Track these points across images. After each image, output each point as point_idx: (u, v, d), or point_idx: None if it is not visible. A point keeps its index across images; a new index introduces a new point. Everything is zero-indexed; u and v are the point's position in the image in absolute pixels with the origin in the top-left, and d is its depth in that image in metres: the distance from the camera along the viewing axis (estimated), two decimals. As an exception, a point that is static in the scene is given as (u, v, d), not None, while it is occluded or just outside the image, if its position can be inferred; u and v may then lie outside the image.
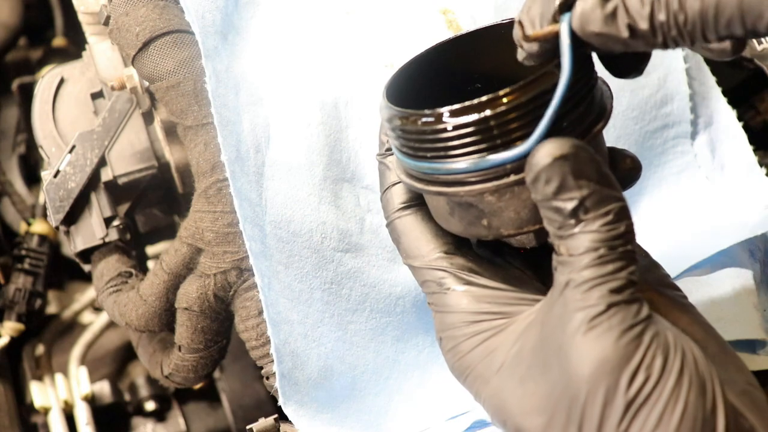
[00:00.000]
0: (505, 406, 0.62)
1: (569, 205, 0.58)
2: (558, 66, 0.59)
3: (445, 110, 0.60)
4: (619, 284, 0.57)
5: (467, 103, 0.60)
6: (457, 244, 0.69)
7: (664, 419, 0.56)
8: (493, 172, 0.61)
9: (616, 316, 0.57)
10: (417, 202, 0.71)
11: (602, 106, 0.64)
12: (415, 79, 0.70)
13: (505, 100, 0.59)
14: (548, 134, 0.58)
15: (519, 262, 0.70)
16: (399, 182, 0.71)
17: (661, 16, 0.55)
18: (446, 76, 0.72)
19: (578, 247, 0.58)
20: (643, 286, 0.63)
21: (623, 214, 0.59)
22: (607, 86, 0.66)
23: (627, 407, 0.56)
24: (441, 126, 0.61)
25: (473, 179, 0.61)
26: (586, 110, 0.62)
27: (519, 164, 0.60)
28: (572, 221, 0.58)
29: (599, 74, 0.65)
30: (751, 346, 0.83)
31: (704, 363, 0.58)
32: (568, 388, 0.58)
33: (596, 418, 0.57)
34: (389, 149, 0.72)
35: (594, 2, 0.56)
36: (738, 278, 0.88)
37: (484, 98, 0.59)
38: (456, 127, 0.60)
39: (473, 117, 0.59)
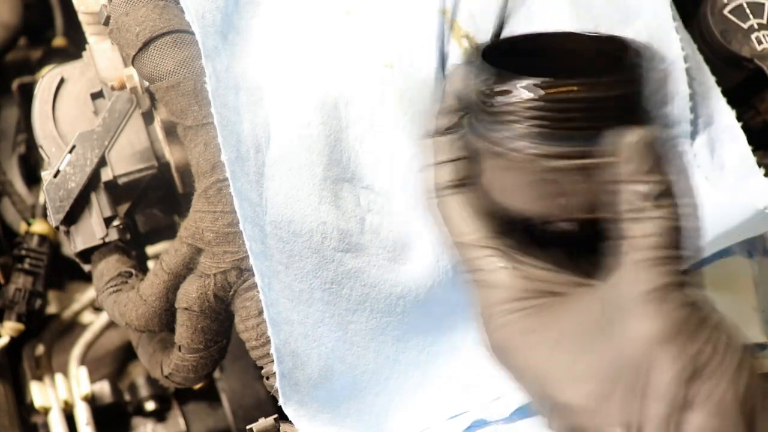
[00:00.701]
0: (551, 376, 0.63)
1: (656, 187, 0.61)
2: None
3: (550, 80, 0.62)
4: (674, 267, 0.59)
5: (578, 79, 0.62)
6: (507, 227, 0.70)
7: (729, 391, 0.57)
8: (586, 151, 0.63)
9: (673, 294, 0.58)
10: (468, 182, 0.71)
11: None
12: (512, 56, 0.71)
13: (609, 85, 0.62)
14: None
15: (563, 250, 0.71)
16: (452, 160, 0.72)
17: None
18: (539, 64, 0.72)
19: (647, 231, 0.60)
20: None
21: (691, 211, 0.62)
22: None
23: (693, 375, 0.57)
24: (562, 93, 0.62)
25: (566, 154, 0.63)
26: (665, 118, 0.66)
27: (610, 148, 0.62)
28: (646, 204, 0.60)
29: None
30: (751, 349, 0.83)
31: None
32: (631, 354, 0.59)
33: (661, 384, 0.57)
34: (451, 128, 0.73)
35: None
36: (736, 279, 0.88)
37: (596, 79, 0.62)
38: (558, 100, 0.62)
39: (580, 92, 0.62)
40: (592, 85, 0.62)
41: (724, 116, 0.95)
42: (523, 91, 0.63)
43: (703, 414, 0.57)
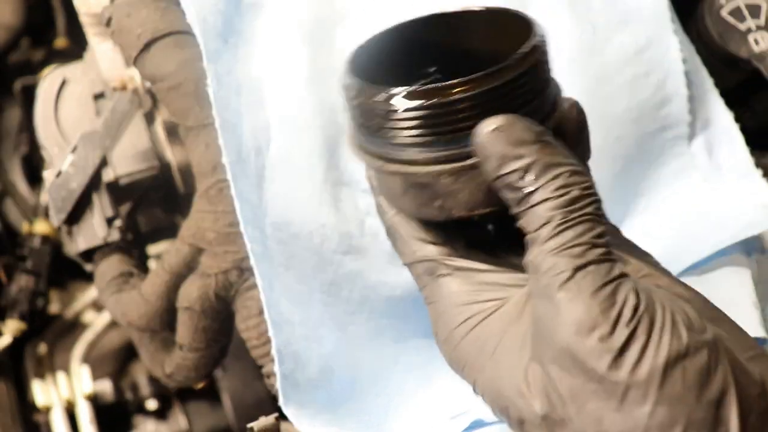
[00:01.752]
0: (502, 391, 0.61)
1: (515, 177, 0.58)
2: (522, 57, 0.61)
3: (410, 89, 0.61)
4: (583, 248, 0.56)
5: (432, 85, 0.60)
6: (446, 234, 0.68)
7: (666, 371, 0.54)
8: (452, 154, 0.61)
9: (585, 279, 0.56)
10: None
11: (554, 102, 0.65)
12: (386, 53, 0.71)
13: (467, 86, 0.60)
14: None
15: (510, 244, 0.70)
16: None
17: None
18: (419, 53, 0.72)
19: (537, 220, 0.58)
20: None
21: (576, 177, 0.59)
22: (557, 82, 0.68)
23: (614, 361, 0.54)
24: (407, 104, 0.61)
25: (432, 160, 0.62)
26: (539, 105, 0.63)
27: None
28: (525, 193, 0.58)
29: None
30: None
31: (699, 320, 0.57)
32: (554, 360, 0.57)
33: (580, 386, 0.55)
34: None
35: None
36: (736, 277, 0.88)
37: (449, 82, 0.60)
38: (418, 108, 0.61)
39: (438, 100, 0.60)
40: (470, 83, 0.60)
41: (721, 118, 0.95)
42: (392, 103, 0.61)
43: (649, 404, 0.54)
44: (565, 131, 0.67)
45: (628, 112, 0.91)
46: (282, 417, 0.81)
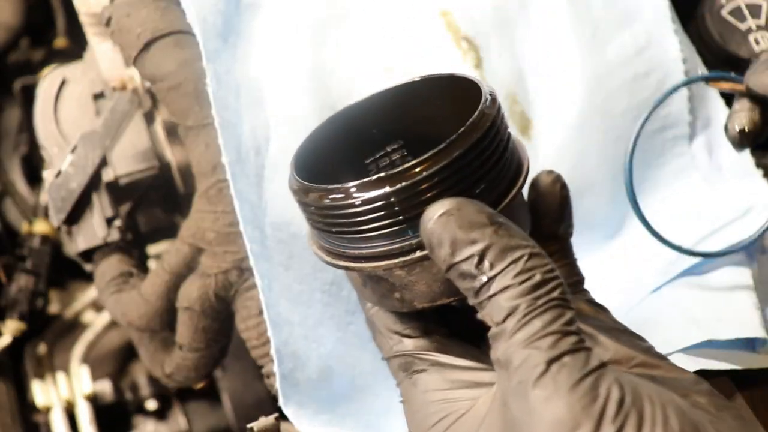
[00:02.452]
0: None
1: (471, 265, 0.54)
2: (472, 127, 0.57)
3: (347, 186, 0.58)
4: (554, 338, 0.52)
5: (366, 180, 0.57)
6: (424, 327, 0.65)
7: None
8: (399, 247, 0.58)
9: (561, 372, 0.51)
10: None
11: (518, 167, 0.61)
12: (330, 143, 0.68)
13: (404, 175, 0.56)
14: None
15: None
16: None
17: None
18: (362, 138, 0.70)
19: (500, 311, 0.53)
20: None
21: (537, 261, 0.54)
22: (521, 145, 0.64)
23: None
24: (343, 202, 0.58)
25: (380, 254, 0.59)
26: (499, 175, 0.59)
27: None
28: (482, 282, 0.53)
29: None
30: (751, 344, 0.83)
31: (698, 407, 0.54)
32: None
33: None
34: None
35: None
36: (736, 278, 0.88)
37: (382, 174, 0.56)
38: (357, 204, 0.58)
39: (373, 193, 0.57)
40: (389, 178, 0.56)
41: (721, 118, 0.95)
42: (331, 201, 0.59)
43: None
44: (545, 207, 0.65)
45: (628, 111, 0.91)
46: (282, 417, 0.81)
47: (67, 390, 1.19)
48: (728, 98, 0.95)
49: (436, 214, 0.55)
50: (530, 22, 0.91)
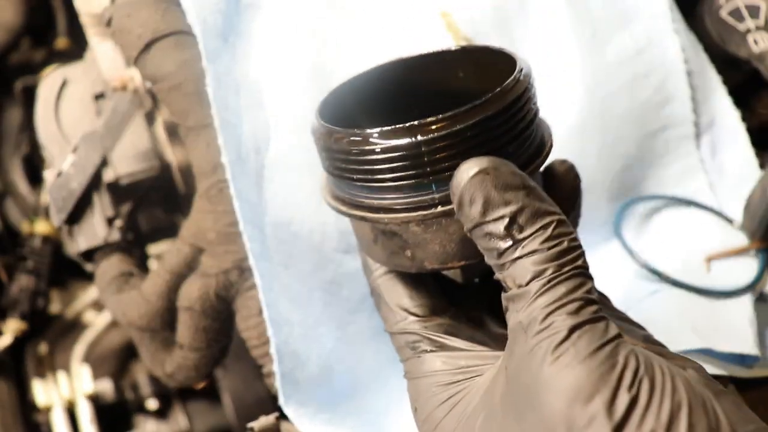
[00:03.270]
0: None
1: (501, 226, 0.53)
2: (501, 92, 0.56)
3: (373, 131, 0.57)
4: (577, 305, 0.52)
5: (397, 126, 0.56)
6: (433, 306, 0.65)
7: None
8: (419, 201, 0.58)
9: (581, 339, 0.51)
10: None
11: (542, 143, 0.61)
12: (355, 98, 0.68)
13: (435, 127, 0.56)
14: None
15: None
16: None
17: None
18: (388, 98, 0.69)
19: (524, 275, 0.53)
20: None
21: (564, 229, 0.54)
22: (547, 124, 0.64)
23: (621, 425, 0.49)
24: (368, 147, 0.57)
25: (399, 207, 0.58)
26: (524, 144, 0.59)
27: (447, 195, 0.57)
28: (509, 244, 0.53)
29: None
30: (743, 359, 0.83)
31: (701, 384, 0.53)
32: (546, 429, 0.51)
33: None
34: None
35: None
36: (734, 288, 0.88)
37: (415, 123, 0.56)
38: (383, 151, 0.57)
39: (402, 141, 0.56)
40: (421, 127, 0.56)
41: (726, 118, 0.95)
42: (356, 145, 0.58)
43: None
44: (557, 196, 0.64)
45: (628, 112, 0.91)
46: (282, 416, 0.81)
47: (68, 389, 1.19)
48: (735, 96, 0.96)
49: (472, 170, 0.54)
50: (530, 22, 0.91)
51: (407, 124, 0.56)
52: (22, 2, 1.38)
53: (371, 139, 0.57)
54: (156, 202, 1.01)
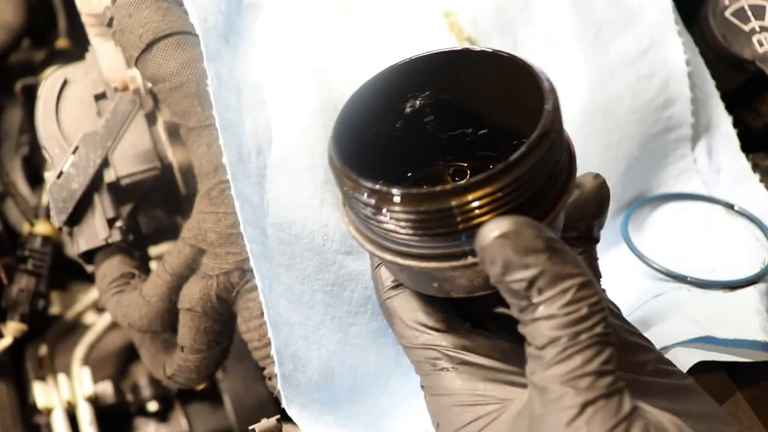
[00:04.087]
0: None
1: (520, 286, 0.54)
2: (538, 141, 0.55)
3: (400, 192, 0.56)
4: (591, 379, 0.52)
5: (427, 191, 0.56)
6: (450, 321, 0.65)
7: None
8: (450, 252, 0.58)
9: (595, 418, 0.51)
10: None
11: (569, 172, 0.60)
12: (369, 116, 0.67)
13: (469, 194, 0.55)
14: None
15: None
16: None
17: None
18: (399, 99, 0.69)
19: (541, 338, 0.53)
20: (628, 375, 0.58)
21: (586, 292, 0.54)
22: (567, 135, 0.63)
23: None
24: (396, 209, 0.57)
25: (428, 255, 0.58)
26: (554, 184, 0.58)
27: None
28: (530, 303, 0.54)
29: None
30: (750, 345, 0.83)
31: None
32: None
33: None
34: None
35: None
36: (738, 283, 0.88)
37: (448, 188, 0.55)
38: (417, 212, 0.56)
39: (433, 207, 0.56)
40: (471, 188, 0.55)
41: (721, 122, 0.95)
42: (381, 204, 0.57)
43: None
44: (586, 209, 0.64)
45: (631, 113, 0.91)
46: (284, 419, 0.81)
47: (68, 391, 1.19)
48: (732, 98, 0.95)
49: (492, 234, 0.54)
50: (533, 22, 0.91)
51: (439, 189, 0.55)
52: (23, 2, 1.38)
53: (395, 200, 0.57)
54: (157, 203, 1.01)
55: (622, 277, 0.91)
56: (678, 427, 0.54)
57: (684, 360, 0.77)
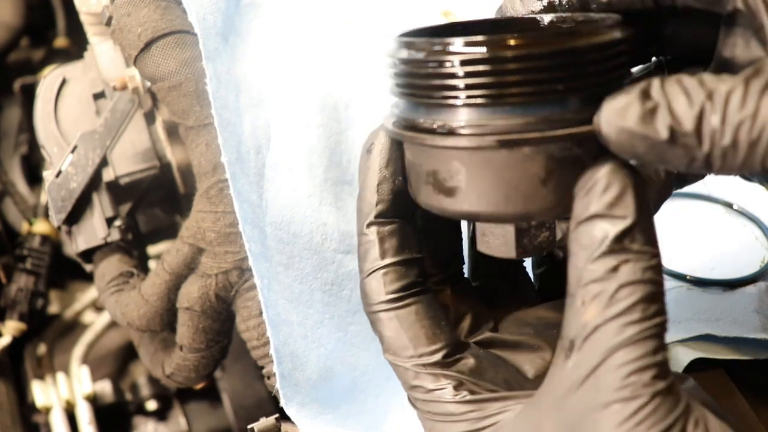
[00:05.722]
0: None
1: (618, 228, 0.49)
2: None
3: (492, 38, 0.51)
4: (658, 369, 0.48)
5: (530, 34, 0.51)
6: (455, 345, 0.61)
7: None
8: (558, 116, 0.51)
9: (660, 408, 0.48)
10: (413, 291, 0.62)
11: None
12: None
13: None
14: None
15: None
16: (386, 265, 0.61)
17: (714, 120, 0.44)
18: None
19: (616, 300, 0.48)
20: None
21: (662, 271, 0.50)
22: None
23: None
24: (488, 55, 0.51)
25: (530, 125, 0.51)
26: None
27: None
28: (613, 248, 0.49)
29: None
30: (750, 343, 0.83)
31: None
32: None
33: None
34: (383, 214, 0.62)
35: (631, 96, 0.47)
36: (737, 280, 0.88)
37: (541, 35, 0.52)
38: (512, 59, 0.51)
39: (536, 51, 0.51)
40: (545, 39, 0.51)
41: None
42: (457, 54, 0.52)
43: None
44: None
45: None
46: (282, 417, 0.81)
47: (67, 390, 1.19)
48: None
49: (620, 162, 0.50)
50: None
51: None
52: (22, 1, 1.38)
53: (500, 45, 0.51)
54: (156, 202, 1.01)
55: None
56: (721, 424, 0.52)
57: (683, 357, 0.77)
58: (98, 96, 0.98)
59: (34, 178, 1.35)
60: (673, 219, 0.94)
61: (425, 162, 0.57)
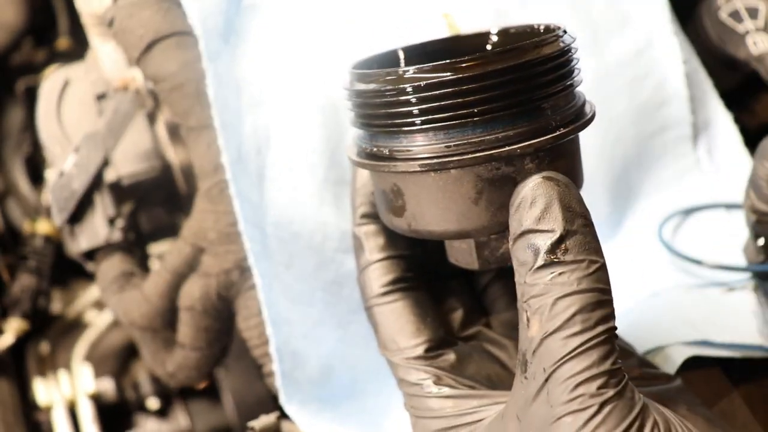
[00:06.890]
0: None
1: (548, 240, 0.50)
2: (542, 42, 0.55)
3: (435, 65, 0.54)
4: (606, 377, 0.49)
5: (461, 60, 0.54)
6: (439, 340, 0.63)
7: None
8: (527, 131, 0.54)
9: (611, 416, 0.49)
10: (399, 286, 0.64)
11: (581, 111, 0.60)
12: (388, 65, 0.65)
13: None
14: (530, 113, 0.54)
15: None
16: (378, 261, 0.64)
17: None
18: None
19: (551, 310, 0.49)
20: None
21: (604, 276, 0.51)
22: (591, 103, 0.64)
23: None
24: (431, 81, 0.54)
25: (503, 143, 0.54)
26: (566, 101, 0.58)
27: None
28: (545, 263, 0.50)
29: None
30: (747, 348, 0.83)
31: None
32: None
33: None
34: (366, 215, 0.66)
35: None
36: (734, 284, 0.88)
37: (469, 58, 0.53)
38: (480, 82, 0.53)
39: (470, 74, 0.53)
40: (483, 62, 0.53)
41: (720, 119, 0.95)
42: (377, 92, 0.55)
43: None
44: None
45: (627, 113, 0.92)
46: (283, 416, 0.81)
47: (69, 388, 1.19)
48: (728, 99, 0.96)
49: (544, 176, 0.52)
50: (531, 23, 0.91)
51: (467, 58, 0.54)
52: (24, 2, 1.38)
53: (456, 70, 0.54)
54: (157, 202, 1.01)
55: (612, 276, 0.91)
56: (682, 423, 0.53)
57: (677, 354, 0.77)
58: (100, 97, 0.98)
59: (36, 178, 1.35)
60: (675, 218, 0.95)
61: (378, 183, 0.62)
